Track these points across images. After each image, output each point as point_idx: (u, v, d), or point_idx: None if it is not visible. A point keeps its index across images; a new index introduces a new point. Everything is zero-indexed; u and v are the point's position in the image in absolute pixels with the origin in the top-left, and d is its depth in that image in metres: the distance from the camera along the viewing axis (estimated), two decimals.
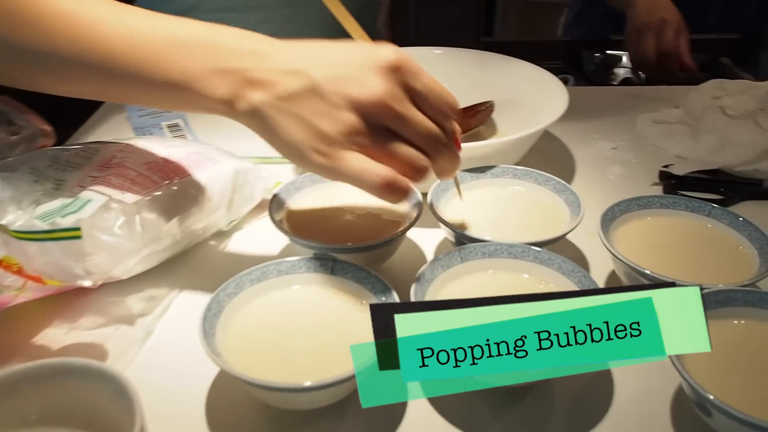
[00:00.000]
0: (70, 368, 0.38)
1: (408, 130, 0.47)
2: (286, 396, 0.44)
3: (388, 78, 0.45)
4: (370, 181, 0.45)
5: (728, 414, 0.39)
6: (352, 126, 0.45)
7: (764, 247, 0.54)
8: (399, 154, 0.47)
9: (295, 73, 0.46)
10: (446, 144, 0.49)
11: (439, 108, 0.47)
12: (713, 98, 0.90)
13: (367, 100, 0.45)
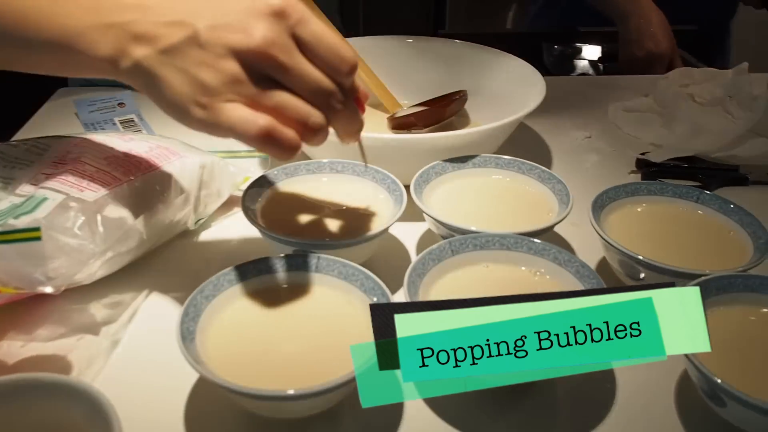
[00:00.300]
0: (35, 384, 0.34)
1: (293, 80, 0.43)
2: (276, 405, 0.40)
3: (273, 24, 0.42)
4: (247, 130, 0.42)
5: (745, 403, 0.38)
6: (234, 75, 0.42)
7: (756, 231, 0.53)
8: (286, 107, 0.43)
9: (178, 24, 0.43)
10: (341, 100, 0.45)
11: (330, 60, 0.43)
12: (681, 86, 0.90)
13: (247, 47, 0.42)
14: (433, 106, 0.77)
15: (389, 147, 0.63)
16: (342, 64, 0.44)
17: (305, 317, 0.46)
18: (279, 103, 0.43)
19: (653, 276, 0.49)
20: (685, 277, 0.47)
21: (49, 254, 0.46)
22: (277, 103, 0.43)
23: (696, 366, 0.40)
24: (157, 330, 0.51)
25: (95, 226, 0.50)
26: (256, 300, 0.47)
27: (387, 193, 0.58)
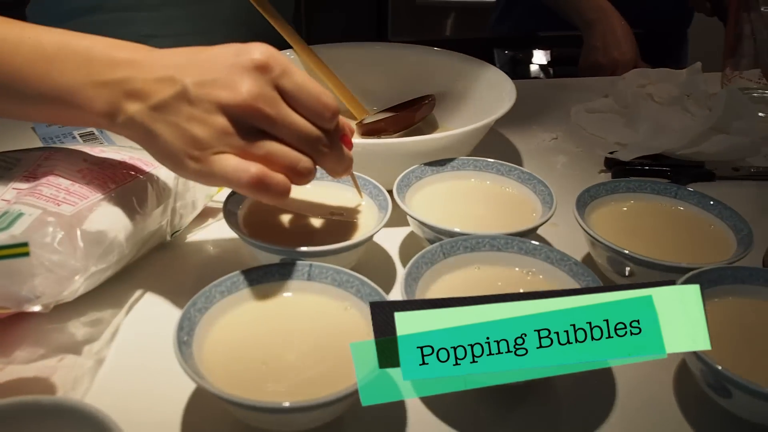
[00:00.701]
0: (35, 407, 0.32)
1: (281, 130, 0.45)
2: (278, 417, 0.39)
3: (257, 79, 0.45)
4: (239, 179, 0.44)
5: (753, 392, 0.38)
6: (223, 129, 0.44)
7: (737, 224, 0.54)
8: (275, 156, 0.45)
9: (167, 81, 0.45)
10: (328, 144, 0.47)
11: (313, 108, 0.46)
12: (639, 86, 0.93)
13: (235, 103, 0.44)
14: (402, 112, 0.77)
15: (366, 152, 0.62)
16: (325, 111, 0.46)
17: (302, 326, 0.45)
18: (268, 152, 0.45)
19: (642, 271, 0.50)
20: (675, 272, 0.48)
21: (34, 271, 0.44)
22: (267, 153, 0.45)
23: (700, 358, 0.40)
24: (142, 346, 0.49)
25: (75, 241, 0.48)
26: (250, 310, 0.46)
27: (369, 198, 0.58)
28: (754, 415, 0.41)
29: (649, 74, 0.95)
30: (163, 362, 0.47)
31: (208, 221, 0.64)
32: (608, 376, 0.48)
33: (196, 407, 0.44)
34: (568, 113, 0.90)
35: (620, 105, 0.90)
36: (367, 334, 0.44)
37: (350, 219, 0.56)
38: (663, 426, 0.44)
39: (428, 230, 0.54)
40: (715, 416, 0.44)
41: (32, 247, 0.43)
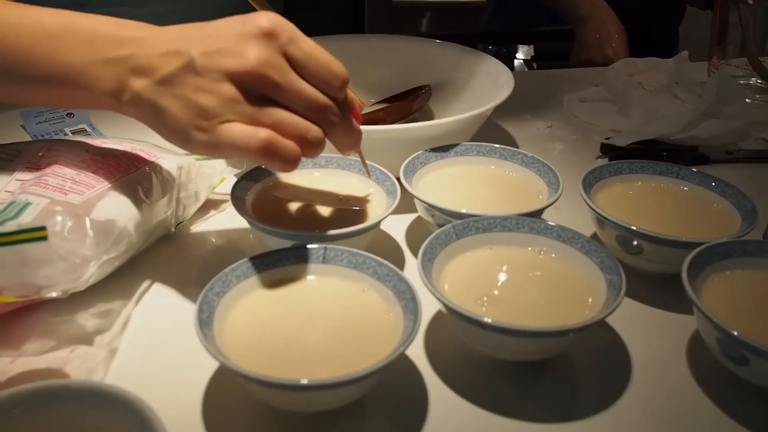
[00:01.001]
0: (74, 392, 0.31)
1: (289, 98, 0.45)
2: (305, 396, 0.39)
3: (264, 45, 0.44)
4: (248, 144, 0.43)
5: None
6: (231, 97, 0.44)
7: (740, 201, 0.55)
8: (284, 124, 0.44)
9: (173, 54, 0.44)
10: (338, 114, 0.46)
11: (321, 76, 0.45)
12: (629, 75, 0.94)
13: (242, 70, 0.43)
14: (399, 101, 0.77)
15: (371, 139, 0.62)
16: (334, 79, 0.45)
17: (321, 308, 0.45)
18: (277, 120, 0.44)
19: (652, 248, 0.51)
20: (686, 247, 0.49)
21: (47, 258, 0.43)
22: (276, 121, 0.44)
23: (718, 325, 0.41)
24: (154, 336, 0.49)
25: (85, 229, 0.47)
26: (267, 294, 0.45)
27: (377, 185, 0.58)
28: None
29: (637, 63, 0.96)
30: (177, 351, 0.48)
31: (211, 213, 0.64)
32: (623, 350, 0.48)
33: (216, 392, 0.44)
34: (561, 103, 0.91)
35: (611, 93, 0.91)
36: (387, 314, 0.44)
37: (359, 206, 0.56)
38: (680, 397, 0.44)
39: (438, 214, 0.54)
40: (731, 385, 0.45)
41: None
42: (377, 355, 0.39)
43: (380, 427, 0.42)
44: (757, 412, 0.43)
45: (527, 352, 0.43)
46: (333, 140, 0.48)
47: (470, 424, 0.42)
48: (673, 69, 0.94)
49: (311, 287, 0.46)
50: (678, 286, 0.54)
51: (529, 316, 0.44)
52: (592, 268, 0.47)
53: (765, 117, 0.86)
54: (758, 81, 0.95)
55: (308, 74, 0.45)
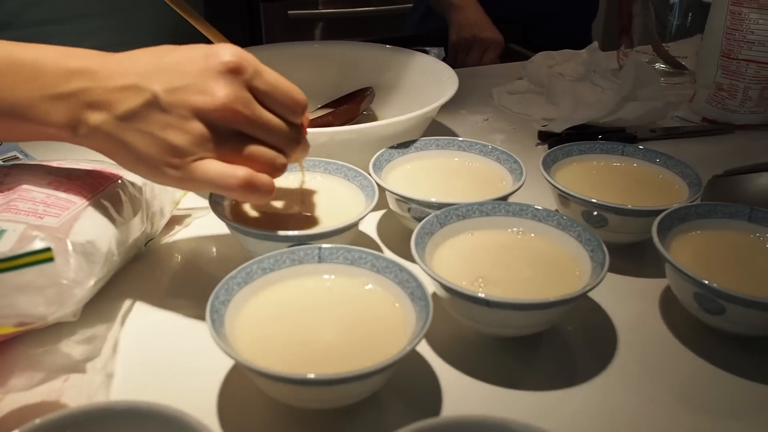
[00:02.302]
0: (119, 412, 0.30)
1: (259, 131, 0.46)
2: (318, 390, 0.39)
3: (231, 81, 0.44)
4: (228, 184, 0.44)
5: (747, 302, 0.43)
6: (202, 135, 0.44)
7: (683, 170, 0.60)
8: (257, 156, 0.46)
9: (132, 89, 0.44)
10: (297, 138, 0.49)
11: (286, 104, 0.47)
12: (548, 67, 0.99)
13: (212, 108, 0.44)
14: (346, 105, 0.79)
15: (334, 141, 0.63)
16: (296, 107, 0.47)
17: (328, 306, 0.45)
18: (249, 153, 0.46)
19: (618, 219, 0.55)
20: (648, 215, 0.53)
21: (37, 284, 0.41)
22: (248, 154, 0.46)
23: (695, 280, 0.45)
24: (149, 355, 0.48)
25: (68, 252, 0.45)
26: (271, 297, 0.45)
27: (354, 185, 0.58)
28: (747, 327, 0.46)
29: (553, 56, 1.02)
30: (177, 366, 0.47)
31: (176, 228, 0.63)
32: (605, 316, 0.51)
33: (228, 398, 0.43)
34: (491, 97, 0.95)
35: (536, 85, 0.96)
36: (393, 305, 0.45)
37: (337, 206, 0.57)
38: (664, 351, 0.48)
39: (416, 206, 0.55)
40: (705, 335, 0.49)
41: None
42: (394, 346, 0.40)
43: (401, 416, 0.43)
44: (732, 356, 0.47)
45: (531, 325, 0.46)
46: (290, 159, 0.49)
47: (486, 399, 0.44)
48: (587, 59, 1.00)
49: (312, 287, 0.47)
50: (639, 254, 0.59)
51: (527, 292, 0.46)
52: (572, 242, 0.50)
53: (674, 98, 0.93)
54: (663, 65, 1.03)
55: (274, 104, 0.46)
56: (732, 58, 0.82)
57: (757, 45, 0.79)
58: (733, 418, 0.43)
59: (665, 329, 0.50)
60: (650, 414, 0.43)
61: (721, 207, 0.53)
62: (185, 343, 0.49)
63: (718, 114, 0.85)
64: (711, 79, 0.85)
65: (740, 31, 0.80)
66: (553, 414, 0.43)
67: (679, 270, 0.46)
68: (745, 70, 0.81)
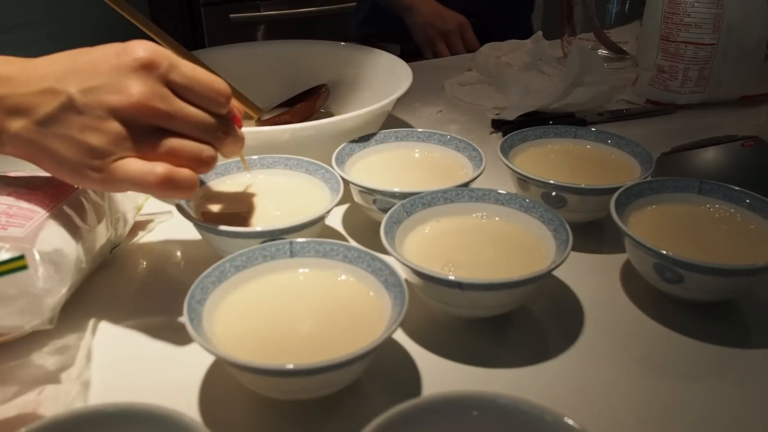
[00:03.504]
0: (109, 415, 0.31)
1: (179, 125, 0.45)
2: (321, 378, 0.39)
3: (144, 77, 0.44)
4: (147, 182, 0.44)
5: (704, 269, 0.45)
6: (120, 134, 0.44)
7: (634, 149, 0.63)
8: (178, 150, 0.45)
9: (48, 92, 0.43)
10: (225, 129, 0.48)
11: (206, 95, 0.46)
12: (495, 57, 1.02)
13: (127, 106, 0.43)
14: (303, 102, 0.79)
15: (295, 138, 0.63)
16: (219, 97, 0.46)
17: (304, 299, 0.46)
18: (170, 148, 0.45)
19: (576, 199, 0.57)
20: (605, 193, 0.55)
21: (6, 295, 0.40)
22: (169, 149, 0.45)
23: (654, 251, 0.47)
24: (124, 362, 0.47)
25: (35, 262, 0.45)
26: (247, 293, 0.46)
27: (317, 179, 0.59)
28: (704, 293, 0.48)
29: (500, 46, 1.05)
30: (153, 369, 0.47)
31: (140, 234, 0.62)
32: (569, 293, 0.53)
33: (209, 395, 0.43)
34: (443, 89, 0.97)
35: (485, 75, 0.98)
36: (368, 294, 0.46)
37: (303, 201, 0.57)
38: (627, 322, 0.50)
39: (381, 197, 0.56)
40: (664, 304, 0.51)
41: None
42: (371, 333, 0.41)
43: (382, 401, 0.44)
44: (691, 321, 0.50)
45: (503, 304, 0.47)
46: (221, 151, 0.49)
47: (463, 379, 0.45)
48: (533, 48, 1.03)
49: (287, 281, 0.47)
50: (598, 231, 0.61)
51: (496, 274, 0.48)
52: (535, 223, 0.52)
53: (618, 82, 0.96)
54: (605, 51, 1.06)
55: (193, 97, 0.46)
56: (671, 40, 0.85)
57: (694, 27, 0.83)
58: (694, 379, 0.45)
59: (627, 301, 0.52)
60: (618, 381, 0.45)
61: (673, 182, 0.56)
62: (159, 346, 0.48)
63: (661, 95, 0.89)
64: (652, 62, 0.89)
65: (678, 15, 0.83)
66: (527, 388, 0.44)
67: (638, 242, 0.48)
68: (683, 52, 0.85)
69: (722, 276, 0.46)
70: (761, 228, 0.52)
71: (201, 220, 0.53)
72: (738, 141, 0.62)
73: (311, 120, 0.77)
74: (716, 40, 0.83)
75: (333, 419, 0.42)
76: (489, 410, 0.31)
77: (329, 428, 0.41)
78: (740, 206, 0.54)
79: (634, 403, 0.43)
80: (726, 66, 0.84)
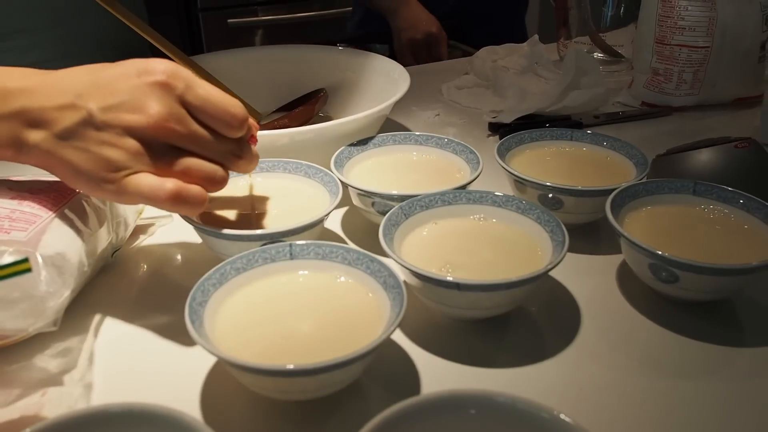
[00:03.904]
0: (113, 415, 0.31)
1: (193, 146, 0.47)
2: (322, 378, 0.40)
3: (163, 98, 0.45)
4: (157, 196, 0.45)
5: (699, 269, 0.46)
6: (137, 151, 0.45)
7: (630, 151, 0.63)
8: (191, 170, 0.47)
9: (69, 108, 0.45)
10: (239, 152, 0.49)
11: (220, 119, 0.47)
12: (492, 61, 1.02)
13: (145, 126, 0.45)
14: (302, 107, 0.80)
15: (294, 141, 0.64)
16: (233, 120, 0.47)
17: (304, 301, 0.46)
18: (184, 167, 0.46)
19: (572, 200, 0.57)
20: (601, 194, 0.55)
21: (9, 298, 0.41)
22: (183, 168, 0.46)
23: (649, 251, 0.47)
24: (126, 364, 0.48)
25: (38, 265, 0.45)
26: (247, 296, 0.46)
27: (317, 182, 0.60)
28: (698, 292, 0.49)
29: (497, 50, 1.06)
30: (154, 371, 0.47)
31: (140, 238, 0.62)
32: (566, 293, 0.54)
33: (209, 403, 0.44)
34: (440, 92, 0.98)
35: (482, 79, 0.99)
36: (367, 295, 0.46)
37: (303, 204, 0.58)
38: (623, 321, 0.51)
39: (379, 200, 0.57)
40: (659, 303, 0.52)
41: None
42: (371, 333, 0.41)
43: (381, 401, 0.44)
44: (685, 321, 0.50)
45: (500, 305, 0.48)
46: (235, 171, 0.50)
47: (461, 379, 0.46)
48: (529, 52, 1.04)
49: (287, 283, 0.48)
50: (594, 233, 0.62)
51: (493, 274, 0.48)
52: (531, 225, 0.53)
53: (614, 84, 0.97)
54: (600, 54, 1.07)
55: (208, 119, 0.47)
56: (665, 43, 0.86)
57: (688, 30, 0.83)
58: (689, 377, 0.46)
59: (623, 300, 0.53)
60: (615, 380, 0.45)
61: (668, 183, 0.57)
62: (161, 348, 0.49)
63: (656, 98, 0.90)
64: (647, 64, 0.89)
65: (672, 18, 0.84)
66: (525, 387, 0.45)
67: (633, 243, 0.49)
68: (678, 55, 0.85)
69: (716, 276, 0.47)
70: (755, 228, 0.52)
71: (201, 224, 0.53)
72: (732, 142, 0.63)
73: (310, 124, 0.79)
74: (710, 43, 0.83)
75: (333, 419, 0.43)
76: (486, 408, 0.32)
77: (329, 428, 0.42)
78: (734, 207, 0.54)
79: (631, 400, 0.44)
80: (720, 68, 0.85)
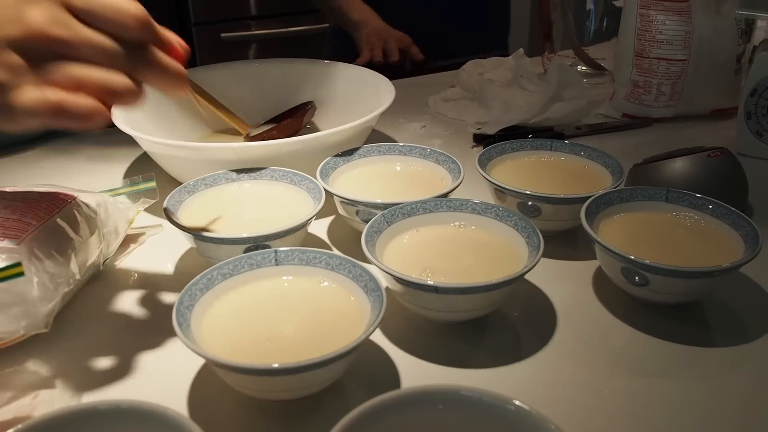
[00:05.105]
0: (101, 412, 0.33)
1: (81, 51, 0.42)
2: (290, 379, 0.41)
3: (44, 5, 0.41)
4: (38, 110, 0.41)
5: (667, 272, 0.48)
6: (18, 65, 0.41)
7: (606, 161, 0.65)
8: (82, 79, 0.42)
9: None
10: (143, 57, 0.44)
11: (112, 19, 0.43)
12: (478, 74, 1.05)
13: (21, 35, 0.41)
14: (290, 119, 0.82)
15: (282, 153, 0.66)
16: (128, 19, 0.43)
17: (288, 305, 0.48)
18: (73, 76, 0.42)
19: (550, 208, 0.59)
20: (577, 202, 0.57)
21: (7, 301, 0.43)
22: (72, 77, 0.42)
23: (621, 255, 0.49)
24: (116, 367, 0.49)
25: (30, 273, 0.47)
26: (233, 301, 0.48)
27: (302, 189, 0.61)
28: (669, 295, 0.51)
29: (483, 63, 1.08)
30: (143, 375, 0.48)
31: (131, 247, 0.64)
32: (543, 297, 0.56)
33: (196, 404, 0.45)
34: (426, 104, 1.00)
35: (468, 91, 1.01)
36: (348, 299, 0.48)
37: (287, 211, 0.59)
38: (598, 325, 0.53)
39: (363, 208, 0.58)
40: (633, 307, 0.54)
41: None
42: (352, 335, 0.43)
43: (362, 400, 0.45)
44: (657, 322, 0.52)
45: (478, 308, 0.49)
46: (149, 83, 0.46)
47: (440, 379, 0.47)
48: (514, 65, 1.06)
49: (272, 288, 0.49)
50: (572, 240, 0.63)
51: (472, 278, 0.50)
52: (509, 231, 0.54)
53: (596, 96, 0.99)
54: (584, 67, 1.10)
55: (99, 21, 0.43)
56: (644, 57, 0.88)
57: (666, 44, 0.86)
58: (661, 376, 0.47)
59: (598, 304, 0.55)
60: (590, 379, 0.47)
61: (641, 190, 0.59)
62: (150, 351, 0.50)
63: (636, 109, 0.92)
64: (627, 77, 0.92)
65: (650, 32, 0.87)
66: (503, 386, 0.46)
67: (606, 248, 0.51)
68: (656, 68, 0.88)
69: (685, 278, 0.48)
70: (723, 233, 0.54)
71: (188, 228, 0.55)
72: (705, 152, 0.65)
73: (298, 135, 0.81)
74: (687, 56, 0.86)
75: (315, 417, 0.44)
76: (453, 403, 0.33)
77: (311, 424, 0.44)
78: (704, 213, 0.56)
79: (605, 399, 0.45)
80: (697, 80, 0.87)
